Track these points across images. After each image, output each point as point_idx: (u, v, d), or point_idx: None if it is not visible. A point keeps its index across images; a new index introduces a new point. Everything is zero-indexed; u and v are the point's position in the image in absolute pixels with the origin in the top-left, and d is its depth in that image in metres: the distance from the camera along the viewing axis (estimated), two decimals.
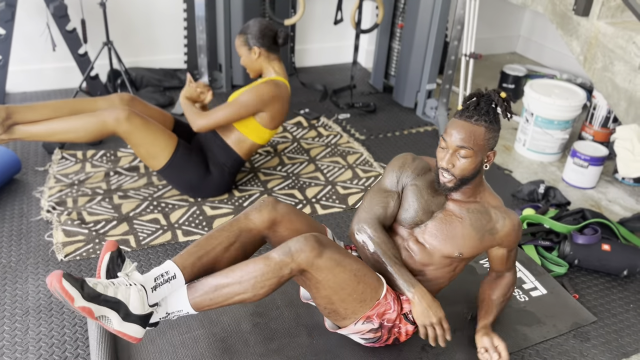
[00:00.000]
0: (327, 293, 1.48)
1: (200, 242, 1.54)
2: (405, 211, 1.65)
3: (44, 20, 3.02)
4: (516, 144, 3.06)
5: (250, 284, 1.42)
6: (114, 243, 1.45)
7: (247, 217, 1.60)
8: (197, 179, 2.32)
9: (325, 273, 1.43)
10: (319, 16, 3.80)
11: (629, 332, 1.88)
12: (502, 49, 4.50)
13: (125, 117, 2.12)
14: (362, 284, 1.49)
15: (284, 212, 1.62)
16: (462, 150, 1.50)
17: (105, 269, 1.42)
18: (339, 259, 1.45)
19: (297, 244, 1.42)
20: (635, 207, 2.61)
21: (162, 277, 1.45)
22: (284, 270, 1.41)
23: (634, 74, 2.54)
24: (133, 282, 1.40)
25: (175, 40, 3.49)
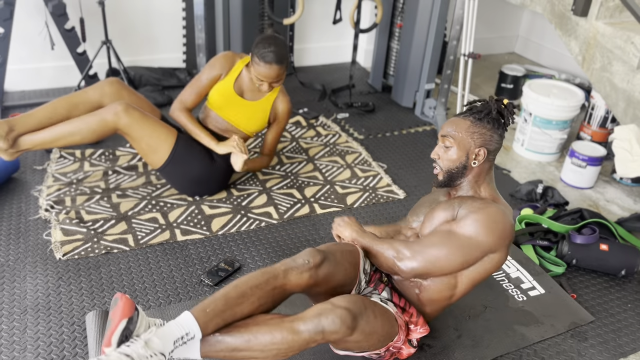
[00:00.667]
0: (348, 349, 1.48)
1: (230, 300, 1.40)
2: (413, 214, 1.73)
3: (42, 18, 3.01)
4: (514, 144, 3.06)
5: (273, 354, 1.36)
6: (131, 306, 1.30)
7: (286, 277, 1.46)
8: (204, 170, 2.31)
9: (353, 344, 1.43)
10: (318, 16, 3.80)
11: (626, 331, 1.88)
12: (500, 49, 4.50)
13: (123, 110, 2.13)
14: (382, 342, 1.50)
15: (324, 275, 1.49)
16: (446, 140, 1.58)
17: (117, 339, 1.27)
18: (369, 331, 1.42)
19: (333, 325, 1.34)
20: (633, 207, 2.62)
21: (181, 339, 1.34)
22: (311, 345, 1.37)
23: (633, 74, 2.54)
24: (153, 352, 1.27)
25: (174, 39, 3.49)
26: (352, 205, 2.45)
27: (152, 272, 1.99)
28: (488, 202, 1.56)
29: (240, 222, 2.28)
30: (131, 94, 2.36)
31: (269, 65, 2.23)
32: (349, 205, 2.44)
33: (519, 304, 1.96)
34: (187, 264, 2.04)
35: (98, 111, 2.15)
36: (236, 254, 2.11)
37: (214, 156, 2.35)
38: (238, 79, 2.38)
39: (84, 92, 2.29)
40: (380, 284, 1.66)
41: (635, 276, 2.15)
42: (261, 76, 2.26)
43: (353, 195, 2.51)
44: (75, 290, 1.88)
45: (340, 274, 1.53)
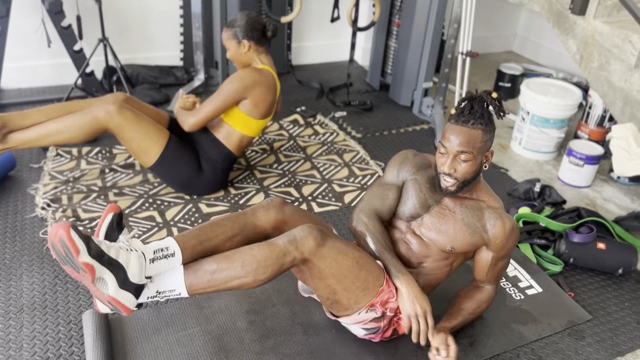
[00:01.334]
0: (329, 282, 1.48)
1: (204, 227, 1.51)
2: (404, 204, 1.69)
3: (39, 16, 3.00)
4: (512, 143, 3.06)
5: (252, 267, 1.41)
6: (117, 206, 1.42)
7: (254, 214, 1.58)
8: (190, 176, 2.31)
9: (328, 261, 1.45)
10: (316, 14, 3.80)
11: (623, 330, 1.89)
12: (498, 47, 4.50)
13: (116, 110, 2.11)
14: (364, 271, 1.50)
15: (290, 213, 1.62)
16: (463, 154, 1.53)
17: (105, 230, 1.38)
18: (341, 247, 1.47)
19: (302, 232, 1.44)
20: (630, 206, 2.62)
21: (161, 251, 1.41)
22: (287, 258, 1.42)
23: (630, 73, 2.54)
24: (134, 247, 1.38)
25: (172, 37, 3.48)
26: (350, 204, 2.45)
27: None
28: (502, 213, 1.64)
29: None
30: (138, 106, 2.33)
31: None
32: (346, 204, 2.44)
33: (516, 302, 1.96)
34: None
35: (89, 109, 2.14)
36: None
37: (202, 165, 2.33)
38: None
39: (86, 102, 2.26)
40: None
41: (633, 275, 2.15)
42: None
43: (351, 194, 2.51)
44: (72, 289, 1.87)
45: (307, 219, 1.63)
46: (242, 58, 2.36)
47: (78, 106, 2.24)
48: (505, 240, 1.64)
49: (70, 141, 2.15)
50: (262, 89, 2.30)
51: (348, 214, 2.38)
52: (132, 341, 1.67)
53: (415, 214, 1.67)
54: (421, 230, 1.66)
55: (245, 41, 2.32)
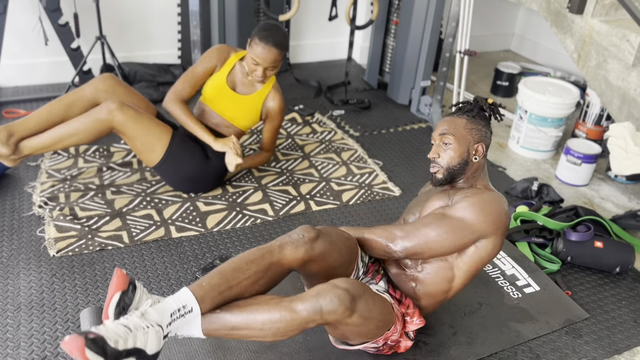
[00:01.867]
0: (344, 334, 1.48)
1: (226, 274, 1.41)
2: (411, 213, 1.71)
3: (36, 14, 2.99)
4: (510, 142, 3.06)
5: (271, 332, 1.37)
6: (125, 279, 1.32)
7: (281, 252, 1.47)
8: (199, 168, 2.30)
9: (351, 328, 1.43)
10: (314, 12, 3.79)
11: (621, 328, 1.89)
12: (496, 46, 4.50)
13: (117, 108, 2.11)
14: (381, 329, 1.51)
15: (320, 251, 1.49)
16: (444, 137, 1.59)
17: (113, 311, 1.29)
18: (367, 315, 1.42)
19: (331, 305, 1.34)
20: (627, 204, 2.62)
21: (178, 311, 1.35)
22: (310, 325, 1.37)
23: (628, 72, 2.55)
24: (150, 323, 1.29)
25: (169, 36, 3.47)
26: (348, 202, 2.45)
27: (147, 269, 1.98)
28: (482, 190, 1.61)
29: (235, 219, 2.27)
30: (126, 90, 2.34)
31: (267, 47, 2.21)
32: (344, 203, 2.44)
33: (514, 301, 1.97)
34: (182, 261, 2.03)
35: (91, 111, 2.14)
36: (231, 251, 2.10)
37: (209, 154, 2.34)
38: (231, 72, 2.38)
39: (78, 90, 2.28)
40: (377, 274, 1.68)
41: (630, 273, 2.16)
42: (258, 58, 2.23)
43: (349, 192, 2.51)
44: (69, 287, 1.86)
45: (335, 253, 1.53)
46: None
47: (72, 95, 2.25)
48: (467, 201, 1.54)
49: (80, 144, 2.19)
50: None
51: (346, 213, 2.38)
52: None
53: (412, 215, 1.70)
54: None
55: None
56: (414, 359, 1.69)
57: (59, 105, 2.23)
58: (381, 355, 1.68)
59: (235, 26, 3.28)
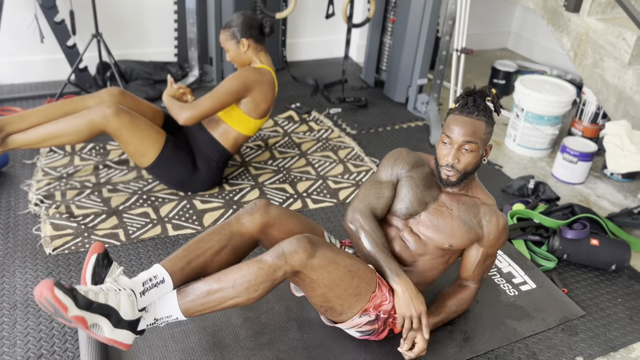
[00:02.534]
0: (322, 291, 1.48)
1: (190, 246, 1.51)
2: (401, 201, 1.68)
3: (32, 11, 2.98)
4: (506, 140, 3.07)
5: (244, 287, 1.40)
6: (101, 245, 1.41)
7: (239, 221, 1.58)
8: (185, 175, 2.30)
9: (320, 272, 1.43)
10: (311, 10, 3.79)
11: (616, 326, 1.90)
12: (493, 44, 4.51)
13: (112, 114, 2.09)
14: (356, 278, 1.49)
15: (276, 214, 1.60)
16: (467, 145, 1.55)
17: (91, 273, 1.38)
18: (332, 257, 1.44)
19: (290, 245, 1.41)
20: (623, 202, 2.63)
21: (150, 281, 1.42)
22: (278, 273, 1.40)
23: (624, 70, 2.55)
24: (122, 287, 1.38)
25: (166, 33, 3.46)
26: (345, 200, 2.45)
27: (143, 267, 1.97)
28: (495, 210, 1.66)
29: None
30: (132, 102, 2.31)
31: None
32: (341, 201, 2.44)
33: (510, 298, 1.97)
34: None
35: (85, 112, 2.11)
36: None
37: (197, 164, 2.32)
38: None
39: (81, 99, 2.25)
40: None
41: (626, 271, 2.17)
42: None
43: (345, 190, 2.51)
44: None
45: (294, 219, 1.63)
46: (242, 58, 2.36)
47: (73, 104, 2.22)
48: (498, 236, 1.66)
49: (68, 143, 2.16)
50: (263, 89, 2.30)
51: (343, 211, 2.38)
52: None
53: (413, 211, 1.67)
54: (419, 228, 1.66)
55: (244, 40, 2.32)
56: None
57: (58, 111, 2.19)
58: (378, 344, 1.68)
59: None
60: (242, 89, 2.26)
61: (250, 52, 2.35)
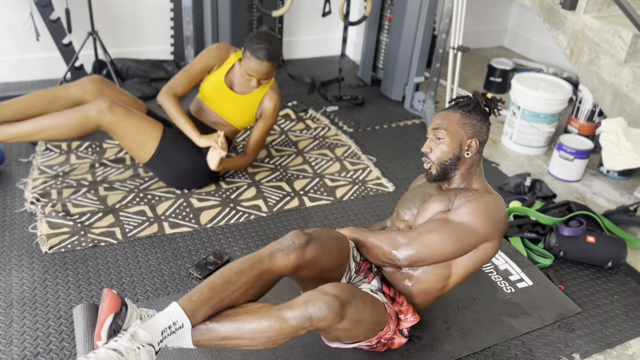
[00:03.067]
0: (338, 338, 1.47)
1: (216, 287, 1.40)
2: (405, 206, 1.71)
3: (27, 9, 2.96)
4: (503, 137, 3.07)
5: (262, 341, 1.37)
6: (117, 301, 1.30)
7: (271, 260, 1.45)
8: (190, 165, 2.29)
9: (341, 332, 1.41)
10: (307, 8, 3.78)
11: (613, 322, 1.90)
12: (489, 42, 4.51)
13: (107, 107, 2.10)
14: (372, 332, 1.49)
15: (311, 256, 1.47)
16: (437, 131, 1.60)
17: (106, 333, 1.28)
18: (358, 319, 1.41)
19: (320, 312, 1.33)
20: (619, 199, 2.64)
21: (169, 329, 1.34)
22: (300, 332, 1.36)
23: (620, 68, 2.56)
24: (140, 344, 1.28)
25: (162, 31, 3.45)
26: (342, 198, 2.45)
27: (140, 266, 1.97)
28: (482, 192, 1.59)
29: (229, 215, 2.27)
30: (115, 91, 2.32)
31: (259, 61, 2.23)
32: (338, 199, 2.44)
33: (507, 295, 1.97)
34: (176, 257, 2.02)
35: (81, 107, 2.12)
36: (225, 247, 2.10)
37: (202, 150, 2.33)
38: (230, 71, 2.37)
39: (65, 87, 2.25)
40: (369, 273, 1.66)
41: (622, 268, 2.17)
42: (250, 71, 2.26)
43: (342, 188, 2.51)
44: (62, 284, 1.86)
45: (327, 257, 1.51)
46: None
47: (55, 92, 2.22)
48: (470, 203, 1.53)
49: (60, 138, 2.14)
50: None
51: (340, 209, 2.38)
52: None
53: (408, 211, 1.69)
54: (417, 221, 1.64)
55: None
56: (408, 353, 1.69)
57: (42, 97, 2.19)
58: (375, 352, 1.68)
59: (228, 22, 3.26)
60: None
61: None
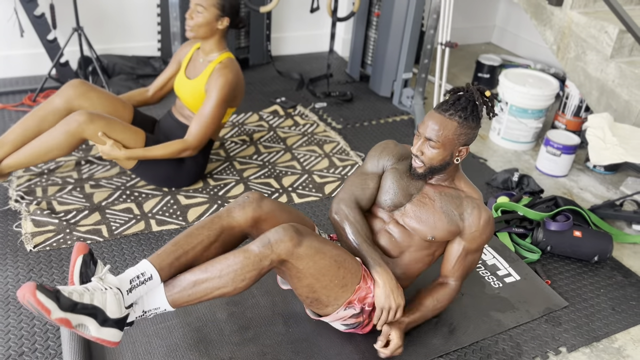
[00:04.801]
0: (308, 282, 1.47)
1: (179, 241, 1.49)
2: (385, 193, 1.68)
3: (11, 5, 2.92)
4: (491, 133, 3.08)
5: (230, 277, 1.40)
6: (85, 246, 1.41)
7: (230, 215, 1.55)
8: (171, 171, 2.28)
9: (306, 261, 1.43)
10: (295, 4, 3.77)
11: (599, 316, 1.92)
12: (477, 39, 4.52)
13: (85, 121, 2.06)
14: (342, 269, 1.49)
15: (269, 209, 1.58)
16: (431, 141, 1.55)
17: (78, 274, 1.37)
18: (318, 247, 1.45)
19: (276, 234, 1.41)
20: (605, 194, 2.66)
21: (137, 278, 1.41)
22: (264, 262, 1.40)
23: (606, 64, 2.58)
24: (108, 285, 1.36)
25: (149, 27, 3.42)
26: (330, 194, 2.44)
27: (127, 263, 1.95)
28: (480, 204, 1.64)
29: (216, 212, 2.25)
30: (98, 93, 2.26)
31: None
32: (327, 195, 2.43)
33: (495, 290, 1.98)
34: None
35: (60, 124, 2.09)
36: None
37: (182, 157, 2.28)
38: (190, 62, 2.35)
39: (49, 102, 2.21)
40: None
41: (608, 262, 2.19)
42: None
43: (331, 185, 2.50)
44: (47, 282, 1.83)
45: (285, 213, 1.61)
46: (208, 33, 2.21)
47: (43, 110, 2.19)
48: (480, 231, 1.63)
49: (60, 157, 2.15)
50: (242, 81, 2.28)
51: (328, 205, 2.37)
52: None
53: (398, 203, 1.66)
54: (404, 220, 1.66)
55: (227, 19, 2.21)
56: None
57: (32, 120, 2.17)
58: (365, 345, 1.68)
59: None
60: (232, 94, 2.22)
61: (220, 35, 2.24)
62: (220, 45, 2.28)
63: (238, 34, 3.50)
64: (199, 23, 2.18)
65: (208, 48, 2.27)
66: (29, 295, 1.23)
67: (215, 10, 2.17)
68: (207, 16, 2.16)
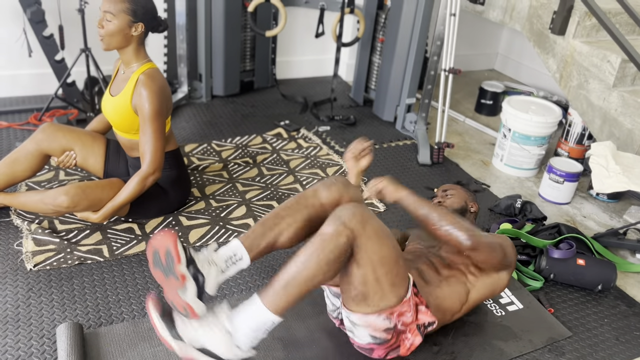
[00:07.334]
0: (365, 271, 1.48)
1: (267, 222, 1.60)
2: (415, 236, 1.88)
3: (20, 25, 2.96)
4: (494, 159, 3.09)
5: (314, 262, 1.43)
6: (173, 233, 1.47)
7: (316, 195, 1.65)
8: (162, 202, 2.26)
9: (373, 242, 1.46)
10: (301, 29, 3.81)
11: (603, 346, 1.89)
12: (480, 65, 4.56)
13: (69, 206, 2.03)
14: (398, 265, 1.52)
15: (353, 194, 1.67)
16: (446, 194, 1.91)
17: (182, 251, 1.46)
18: (385, 231, 1.50)
19: (347, 211, 1.46)
20: (609, 222, 2.65)
21: (231, 259, 1.53)
22: (341, 239, 1.43)
23: (609, 92, 2.59)
24: (214, 261, 1.50)
25: (155, 49, 3.46)
26: None
27: (127, 284, 1.94)
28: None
29: (218, 233, 2.25)
30: (64, 133, 2.21)
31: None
32: None
33: (497, 318, 1.96)
34: None
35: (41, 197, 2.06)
36: None
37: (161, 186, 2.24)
38: (115, 76, 2.22)
39: (21, 147, 2.20)
40: None
41: (612, 291, 2.17)
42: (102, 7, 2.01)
43: None
44: (46, 302, 1.82)
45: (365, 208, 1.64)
46: (123, 42, 2.05)
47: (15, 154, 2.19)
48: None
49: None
50: (168, 90, 2.15)
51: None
52: (107, 356, 1.63)
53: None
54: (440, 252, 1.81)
55: (141, 24, 2.05)
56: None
57: (3, 165, 2.17)
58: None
59: (222, 41, 3.28)
60: (165, 105, 2.09)
61: (136, 42, 2.09)
62: (140, 55, 2.13)
63: (244, 57, 3.53)
64: (110, 31, 2.02)
65: (126, 59, 2.12)
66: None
67: (125, 16, 2.01)
68: (117, 24, 2.00)
